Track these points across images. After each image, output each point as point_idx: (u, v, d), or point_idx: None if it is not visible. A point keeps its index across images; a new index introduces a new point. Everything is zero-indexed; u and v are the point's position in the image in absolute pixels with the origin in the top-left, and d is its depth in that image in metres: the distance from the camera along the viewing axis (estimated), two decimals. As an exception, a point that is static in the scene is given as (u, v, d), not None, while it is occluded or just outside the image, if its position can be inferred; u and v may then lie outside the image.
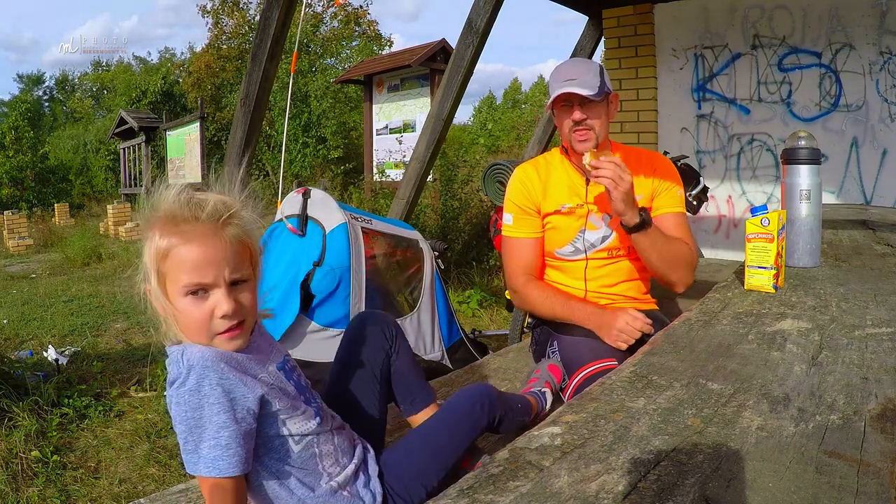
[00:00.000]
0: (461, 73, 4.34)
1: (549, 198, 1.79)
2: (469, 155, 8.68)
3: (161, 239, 0.86)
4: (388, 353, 1.25)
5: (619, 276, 1.77)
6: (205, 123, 12.16)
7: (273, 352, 0.98)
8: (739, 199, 4.68)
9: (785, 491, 0.59)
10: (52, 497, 2.24)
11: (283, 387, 0.94)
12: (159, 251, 0.86)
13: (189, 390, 0.82)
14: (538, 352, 1.84)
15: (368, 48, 18.44)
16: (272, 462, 0.93)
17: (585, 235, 1.75)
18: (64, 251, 8.37)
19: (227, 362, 0.86)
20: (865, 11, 4.05)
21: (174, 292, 0.86)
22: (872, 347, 1.00)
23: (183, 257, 0.86)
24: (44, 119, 26.93)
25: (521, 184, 1.82)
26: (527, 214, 1.79)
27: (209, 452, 0.82)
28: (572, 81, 1.63)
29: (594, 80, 1.63)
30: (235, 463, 0.83)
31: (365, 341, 1.24)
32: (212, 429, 0.82)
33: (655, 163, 1.80)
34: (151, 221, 0.88)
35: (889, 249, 1.95)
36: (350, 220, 2.39)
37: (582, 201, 1.75)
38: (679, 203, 1.76)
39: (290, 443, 0.93)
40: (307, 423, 0.95)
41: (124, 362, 3.73)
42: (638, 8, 4.83)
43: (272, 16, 3.36)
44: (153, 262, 0.87)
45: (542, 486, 0.60)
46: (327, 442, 0.99)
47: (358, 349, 1.24)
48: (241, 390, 0.86)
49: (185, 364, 0.84)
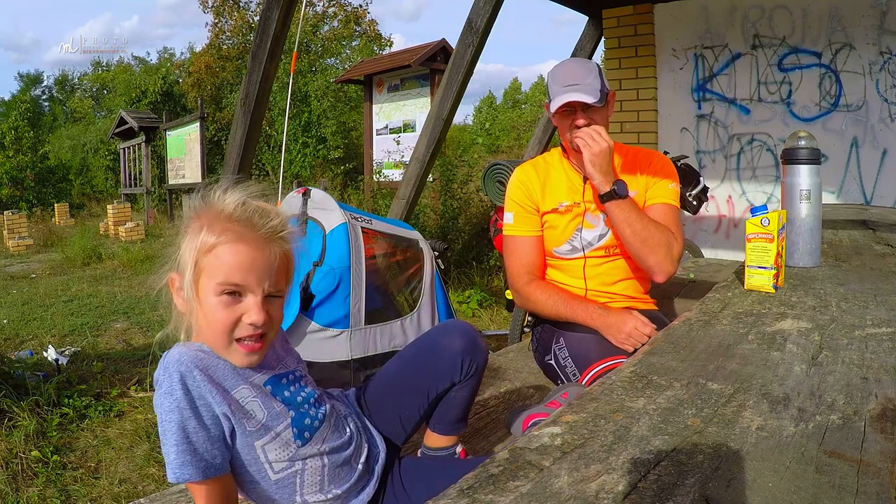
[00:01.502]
0: (461, 73, 4.35)
1: (547, 196, 1.80)
2: (469, 155, 8.68)
3: (209, 234, 0.85)
4: (453, 384, 1.16)
5: (617, 274, 1.77)
6: (205, 123, 12.15)
7: (277, 364, 0.95)
8: (739, 199, 4.68)
9: (785, 491, 0.59)
10: (52, 497, 2.24)
11: (261, 403, 0.89)
12: (205, 244, 0.85)
13: (164, 393, 0.82)
14: (540, 350, 1.84)
15: (368, 48, 18.45)
16: (246, 480, 0.91)
17: (582, 234, 1.76)
18: (64, 251, 8.37)
19: (203, 369, 0.84)
20: (865, 11, 4.05)
21: (207, 288, 0.85)
22: (872, 347, 1.00)
23: (229, 255, 0.85)
24: (44, 119, 26.92)
25: (520, 182, 1.83)
26: (527, 213, 1.80)
27: (177, 458, 0.81)
28: (574, 87, 1.63)
29: (595, 83, 1.64)
30: (203, 468, 0.82)
31: (440, 359, 1.14)
32: (179, 433, 0.81)
33: (651, 158, 1.81)
34: (200, 214, 0.88)
35: (889, 249, 1.95)
36: (350, 220, 2.39)
37: (580, 200, 1.76)
38: (670, 196, 1.76)
39: (268, 470, 0.90)
40: (284, 450, 0.90)
41: (124, 362, 3.73)
42: (638, 8, 4.83)
43: (272, 16, 3.36)
44: (193, 254, 0.86)
45: (542, 486, 0.60)
46: (315, 471, 0.93)
47: (428, 363, 1.15)
48: (208, 399, 0.84)
49: (162, 366, 0.84)
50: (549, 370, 1.78)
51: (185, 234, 0.88)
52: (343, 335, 2.27)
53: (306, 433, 0.93)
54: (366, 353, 2.32)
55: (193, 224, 0.88)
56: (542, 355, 1.82)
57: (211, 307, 0.85)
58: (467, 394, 1.19)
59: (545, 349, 1.79)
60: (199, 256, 0.85)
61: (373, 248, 2.46)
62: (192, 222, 0.88)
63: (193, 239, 0.86)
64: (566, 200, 1.77)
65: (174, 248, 0.89)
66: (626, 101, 4.99)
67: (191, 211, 0.89)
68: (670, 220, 1.71)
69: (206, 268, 0.85)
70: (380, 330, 2.38)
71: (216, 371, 0.86)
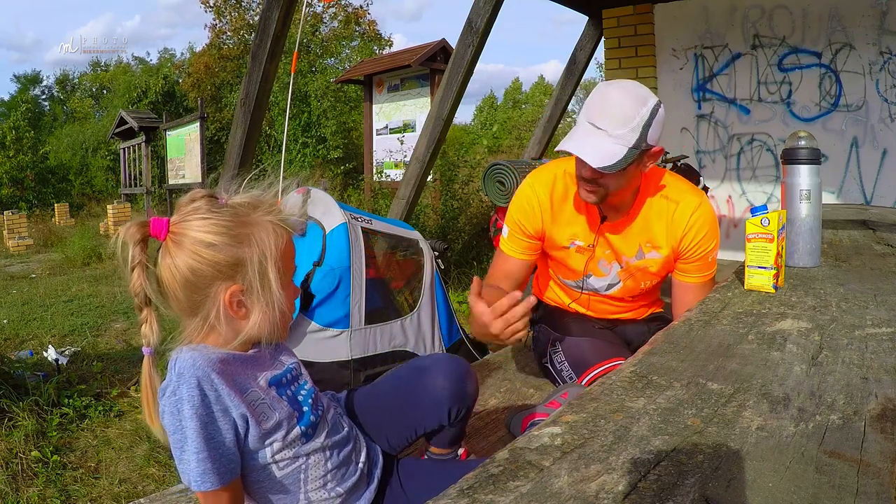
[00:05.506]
0: (461, 73, 4.35)
1: (559, 228, 1.56)
2: (470, 155, 8.68)
3: (281, 229, 0.88)
4: (441, 426, 1.12)
5: (626, 306, 1.72)
6: (205, 123, 12.14)
7: (274, 363, 0.94)
8: (739, 199, 4.68)
9: (785, 491, 0.59)
10: (52, 497, 2.24)
11: (268, 403, 0.88)
12: (282, 240, 0.88)
13: (179, 399, 0.80)
14: (537, 352, 1.84)
15: (368, 48, 18.44)
16: (251, 480, 0.90)
17: (590, 280, 1.62)
18: (64, 251, 8.36)
19: (219, 372, 0.83)
20: (865, 11, 4.05)
21: (285, 285, 0.89)
22: (872, 347, 1.00)
23: (290, 247, 0.91)
24: (44, 119, 26.92)
25: (527, 202, 1.57)
26: (524, 235, 1.61)
27: (197, 466, 0.79)
28: (595, 131, 1.29)
29: (629, 136, 1.26)
30: (226, 476, 0.82)
31: (425, 402, 1.10)
32: (199, 441, 0.80)
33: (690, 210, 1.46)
34: (246, 220, 0.86)
35: (889, 249, 1.95)
36: (350, 220, 2.39)
37: (594, 241, 1.54)
38: (710, 268, 1.49)
39: (273, 468, 0.89)
40: (290, 447, 0.90)
41: (124, 362, 3.73)
42: (638, 8, 4.84)
43: (272, 16, 3.36)
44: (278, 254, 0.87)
45: (542, 486, 0.60)
46: (318, 465, 0.93)
47: (413, 402, 1.11)
48: (227, 403, 0.82)
49: (175, 372, 0.82)
50: (546, 373, 1.78)
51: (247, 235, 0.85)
52: (343, 335, 2.27)
53: (310, 429, 0.93)
54: (366, 353, 2.32)
55: (245, 229, 0.85)
56: (539, 357, 1.82)
57: (285, 298, 0.89)
58: (457, 431, 1.17)
59: (542, 352, 1.78)
60: (280, 251, 0.87)
61: (373, 248, 2.46)
62: (243, 227, 0.85)
63: (263, 241, 0.85)
64: (580, 240, 1.54)
65: (219, 260, 0.83)
66: (626, 101, 4.99)
67: (227, 220, 0.84)
68: (701, 296, 1.38)
69: (282, 260, 0.88)
70: (380, 330, 2.38)
71: (232, 373, 0.85)
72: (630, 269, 1.58)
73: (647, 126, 1.28)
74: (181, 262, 0.82)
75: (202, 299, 0.84)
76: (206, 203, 0.85)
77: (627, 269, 1.57)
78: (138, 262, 0.83)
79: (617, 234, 1.53)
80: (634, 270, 1.58)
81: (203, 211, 0.84)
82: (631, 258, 1.56)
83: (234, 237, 0.84)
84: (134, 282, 0.84)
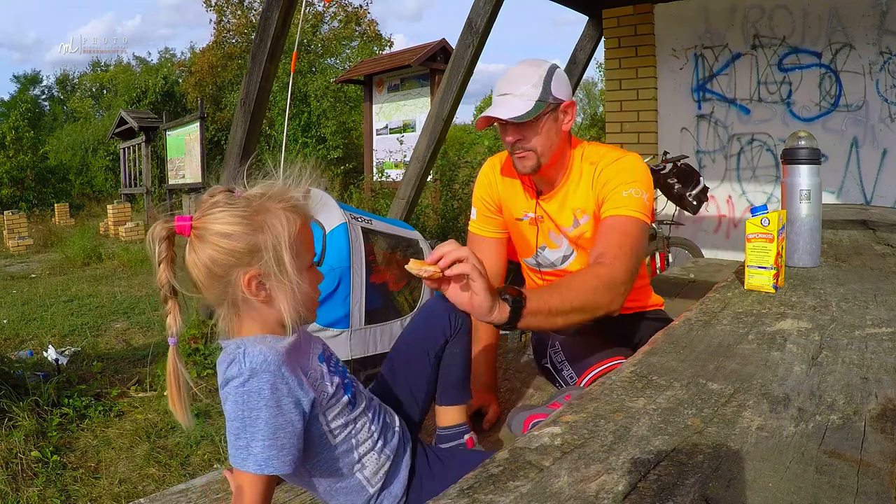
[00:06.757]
0: (461, 72, 4.35)
1: (511, 200, 1.62)
2: (470, 155, 8.68)
3: (294, 215, 0.91)
4: (447, 339, 1.24)
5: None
6: (205, 123, 12.14)
7: (312, 343, 1.01)
8: (739, 199, 4.68)
9: (785, 491, 0.59)
10: (52, 497, 2.24)
11: (325, 379, 0.96)
12: (294, 226, 0.90)
13: (249, 391, 0.84)
14: (537, 354, 1.84)
15: (368, 48, 18.43)
16: (312, 454, 0.95)
17: (545, 253, 1.62)
18: (64, 251, 8.37)
19: (287, 363, 0.88)
20: (865, 11, 4.06)
21: (301, 268, 0.91)
22: (872, 347, 1.00)
23: (308, 233, 0.95)
24: (44, 119, 26.91)
25: (484, 177, 1.67)
26: (489, 212, 1.67)
27: (262, 452, 0.84)
28: (504, 97, 1.41)
29: (532, 90, 1.39)
30: (289, 462, 0.86)
31: (430, 323, 1.24)
32: (268, 430, 0.84)
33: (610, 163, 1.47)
34: (260, 207, 0.89)
35: (889, 249, 1.95)
36: (350, 220, 2.39)
37: (541, 213, 1.56)
38: (627, 205, 1.39)
39: (329, 437, 0.95)
40: (342, 415, 0.97)
41: (124, 362, 3.73)
42: (638, 8, 4.84)
43: (272, 16, 3.36)
44: (291, 238, 0.89)
45: (542, 486, 0.60)
46: (364, 429, 1.01)
47: (421, 329, 1.25)
48: (298, 393, 0.88)
49: (246, 365, 0.86)
50: (546, 374, 1.78)
51: (261, 223, 0.89)
52: (343, 335, 2.27)
53: (353, 397, 1.00)
54: (366, 353, 2.32)
55: (259, 217, 0.89)
56: (538, 358, 1.81)
57: (308, 283, 0.94)
58: (460, 350, 1.25)
59: (541, 353, 1.77)
60: (294, 238, 0.90)
61: (373, 248, 2.46)
62: (257, 215, 0.89)
63: (281, 225, 0.89)
64: (530, 211, 1.59)
65: (236, 248, 0.87)
66: (626, 101, 5.00)
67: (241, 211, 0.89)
68: (613, 241, 1.34)
69: (300, 248, 0.91)
70: (380, 330, 2.38)
71: (296, 360, 0.91)
72: (572, 238, 1.58)
73: (547, 80, 1.41)
74: (204, 255, 0.88)
75: (225, 286, 0.89)
76: (223, 198, 0.90)
77: (572, 240, 1.57)
78: (164, 257, 0.88)
79: (552, 206, 1.56)
80: (577, 239, 1.57)
81: (221, 205, 0.89)
82: (569, 228, 1.56)
83: (248, 226, 0.88)
84: (160, 275, 0.89)
